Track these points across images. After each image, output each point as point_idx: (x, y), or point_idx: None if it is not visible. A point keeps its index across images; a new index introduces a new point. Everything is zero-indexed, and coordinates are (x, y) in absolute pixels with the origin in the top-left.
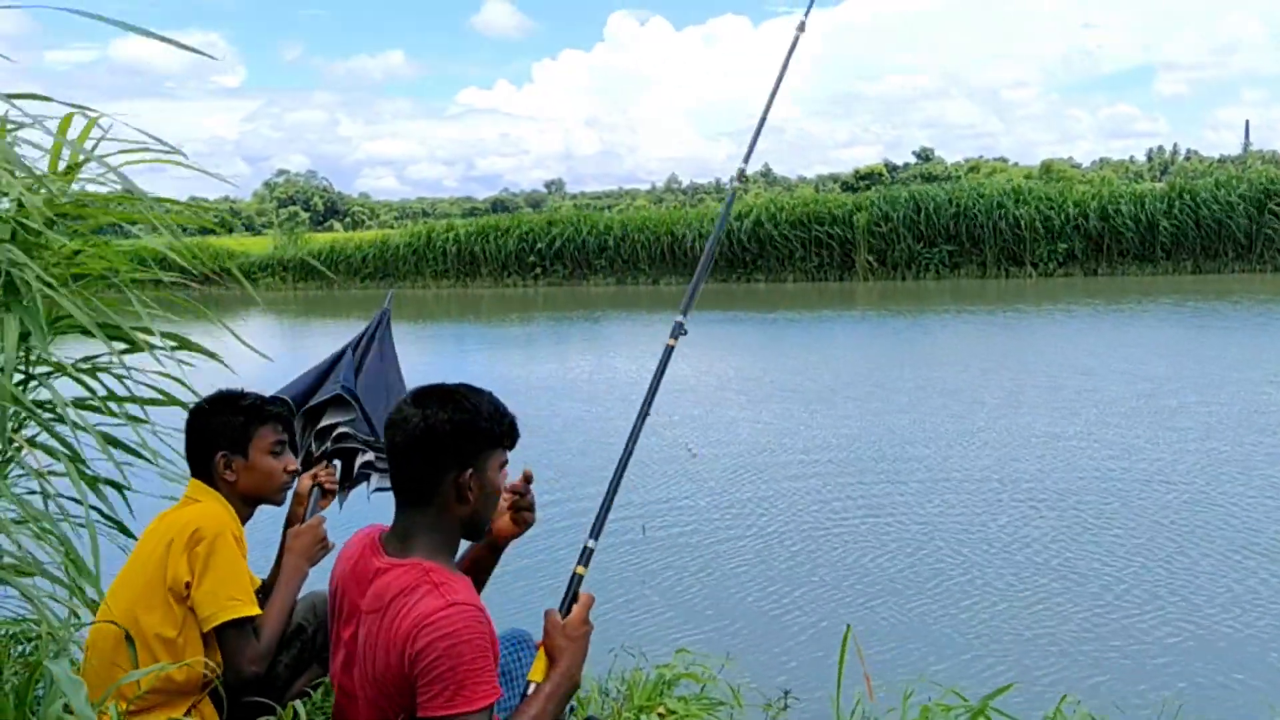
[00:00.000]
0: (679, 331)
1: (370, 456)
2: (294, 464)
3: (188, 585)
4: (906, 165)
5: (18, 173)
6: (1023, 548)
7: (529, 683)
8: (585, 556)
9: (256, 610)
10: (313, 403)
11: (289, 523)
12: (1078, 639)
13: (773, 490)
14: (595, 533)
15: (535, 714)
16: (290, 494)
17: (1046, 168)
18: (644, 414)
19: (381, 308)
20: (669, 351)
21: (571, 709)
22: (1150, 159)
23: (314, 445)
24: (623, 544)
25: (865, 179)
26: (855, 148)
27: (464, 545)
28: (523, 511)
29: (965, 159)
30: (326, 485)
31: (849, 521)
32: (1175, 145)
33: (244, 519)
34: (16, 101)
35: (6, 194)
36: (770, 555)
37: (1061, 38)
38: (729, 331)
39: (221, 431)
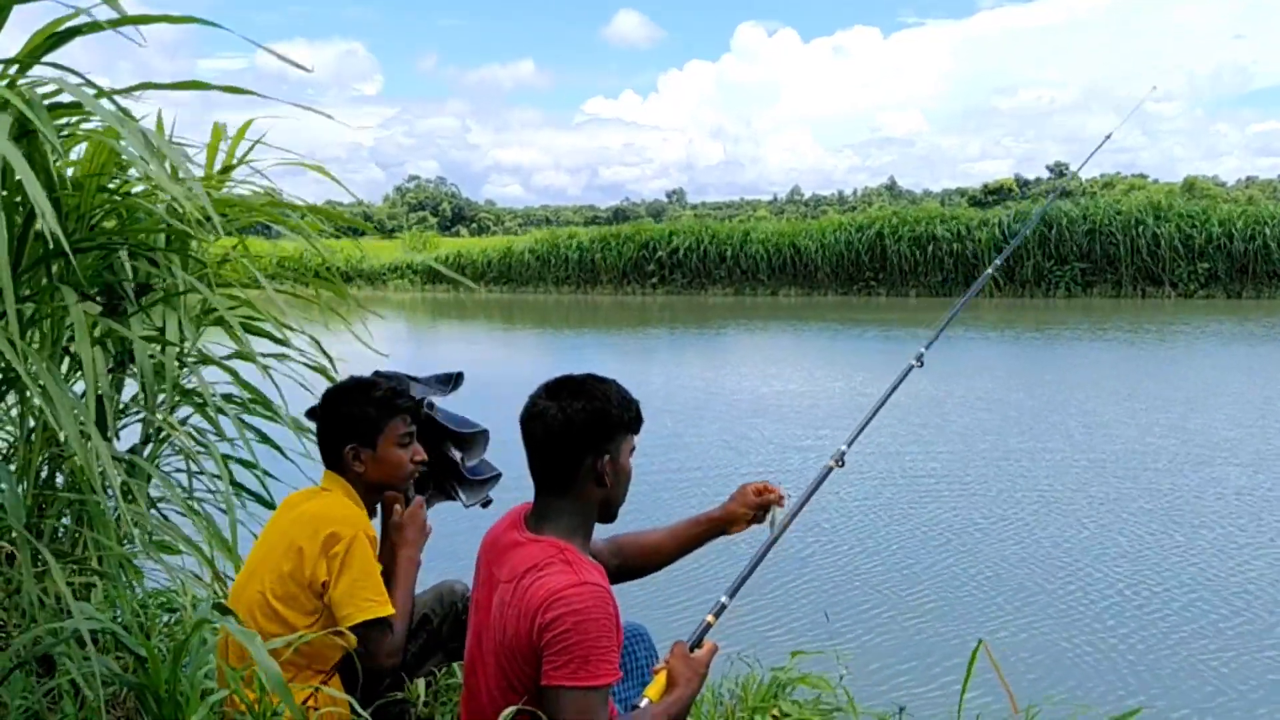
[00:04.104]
0: (840, 458)
1: (457, 456)
2: (421, 454)
3: (325, 584)
4: (1039, 180)
5: (176, 170)
6: (1166, 573)
7: (644, 698)
8: (718, 609)
9: (391, 610)
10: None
11: (385, 507)
12: (1220, 670)
13: (906, 504)
14: (732, 592)
15: None
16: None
17: (1189, 185)
18: (795, 514)
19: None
20: (827, 472)
21: None
22: None
23: None
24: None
25: (994, 194)
26: (986, 162)
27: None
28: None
29: (1101, 174)
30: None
31: (982, 536)
32: None
33: (370, 505)
34: (173, 99)
35: (164, 192)
36: (900, 567)
37: (1211, 50)
38: (853, 345)
39: (352, 423)
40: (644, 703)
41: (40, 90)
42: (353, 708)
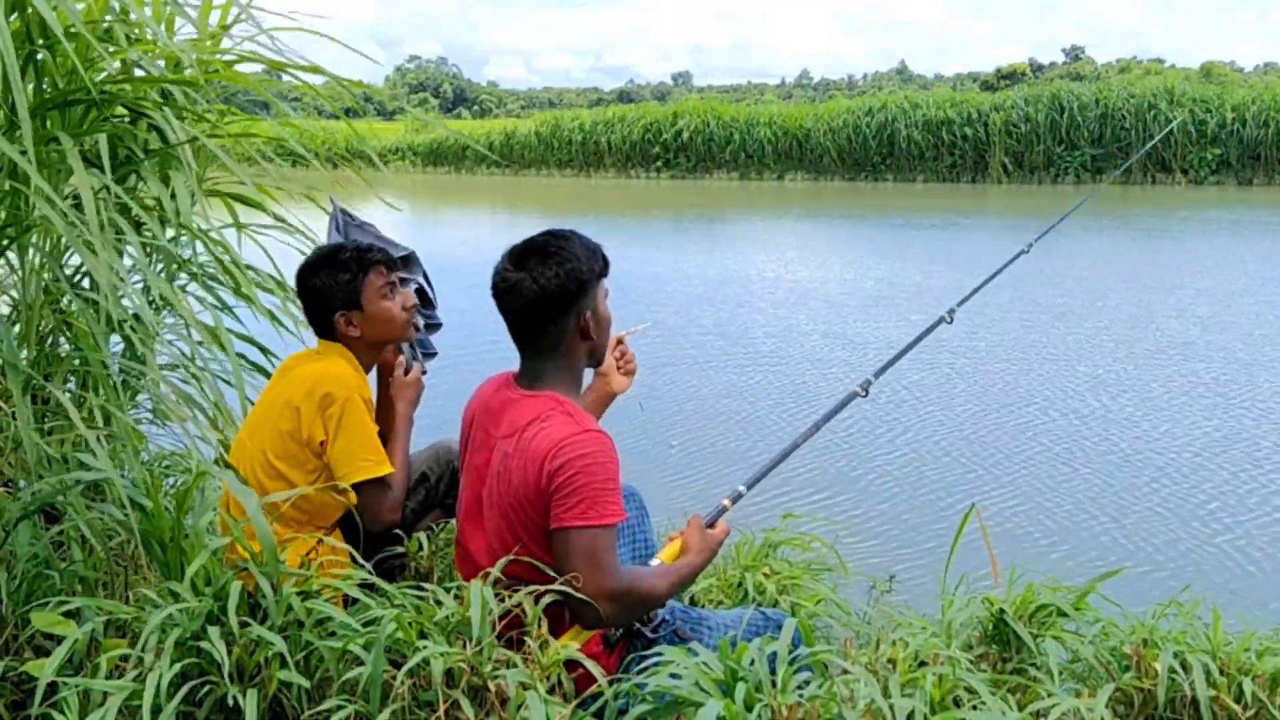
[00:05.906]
0: (865, 387)
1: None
2: (411, 299)
3: (322, 444)
4: (1053, 64)
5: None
6: (1158, 442)
7: (657, 559)
8: (735, 496)
9: (390, 469)
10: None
11: (380, 370)
12: (1209, 540)
13: (903, 383)
14: (751, 484)
15: (663, 574)
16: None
17: (1206, 70)
18: (813, 433)
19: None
20: (850, 398)
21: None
22: None
23: None
24: (750, 414)
25: (1006, 78)
26: (1001, 46)
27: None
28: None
29: (1117, 59)
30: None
31: (981, 413)
32: None
33: (372, 363)
34: None
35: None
36: (893, 438)
37: None
38: (875, 233)
39: (331, 293)
40: (655, 562)
41: None
42: (354, 559)
